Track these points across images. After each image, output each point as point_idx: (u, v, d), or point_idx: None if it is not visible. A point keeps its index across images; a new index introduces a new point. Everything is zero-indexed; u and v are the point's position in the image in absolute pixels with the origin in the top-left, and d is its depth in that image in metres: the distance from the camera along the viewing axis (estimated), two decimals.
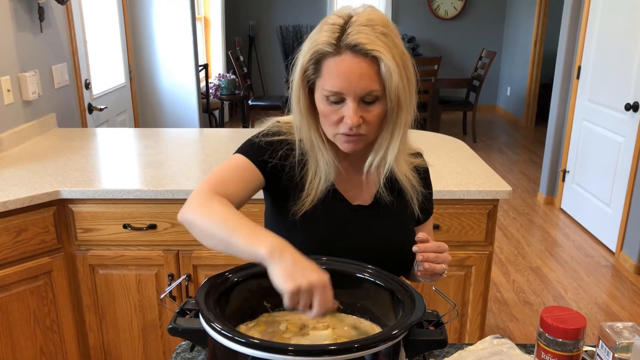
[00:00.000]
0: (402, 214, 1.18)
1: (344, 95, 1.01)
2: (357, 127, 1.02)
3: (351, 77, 0.99)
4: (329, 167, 1.10)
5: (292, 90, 1.08)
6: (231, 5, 7.40)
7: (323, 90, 1.03)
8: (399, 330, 0.81)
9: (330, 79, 1.01)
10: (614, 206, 3.54)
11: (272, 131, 1.15)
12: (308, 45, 1.04)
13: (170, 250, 1.93)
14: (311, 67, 1.03)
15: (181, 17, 4.20)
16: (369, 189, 1.17)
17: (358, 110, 1.01)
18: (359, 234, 1.14)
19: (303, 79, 1.05)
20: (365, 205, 1.16)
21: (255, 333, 0.93)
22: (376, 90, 1.01)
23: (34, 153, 2.24)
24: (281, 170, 1.13)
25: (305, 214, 1.11)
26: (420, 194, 1.19)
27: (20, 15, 2.36)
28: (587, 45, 3.87)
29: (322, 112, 1.06)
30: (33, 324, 1.88)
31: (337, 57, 1.00)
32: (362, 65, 0.99)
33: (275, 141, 1.13)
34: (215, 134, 2.68)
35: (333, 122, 1.04)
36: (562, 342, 0.87)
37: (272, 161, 1.12)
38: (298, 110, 1.09)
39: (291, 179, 1.13)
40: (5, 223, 1.74)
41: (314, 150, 1.11)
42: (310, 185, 1.11)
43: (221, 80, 6.13)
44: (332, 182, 1.12)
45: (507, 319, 2.85)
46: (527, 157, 5.76)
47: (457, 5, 7.63)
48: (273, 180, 1.13)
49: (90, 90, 3.10)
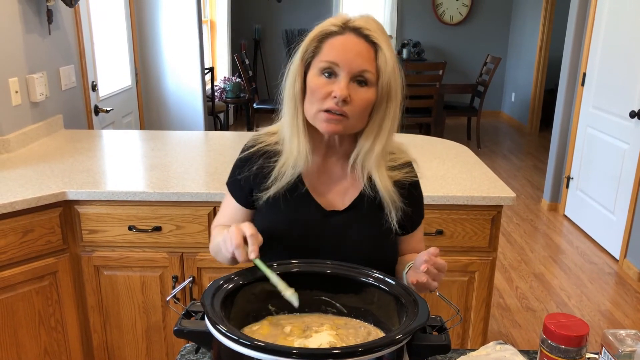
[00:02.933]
0: (378, 224, 1.15)
1: (338, 68, 1.04)
2: (342, 103, 1.03)
3: (349, 53, 1.04)
4: (299, 155, 1.11)
5: (290, 72, 1.10)
6: (237, 8, 7.42)
7: (319, 64, 1.06)
8: (403, 335, 0.81)
9: (329, 51, 1.05)
10: (618, 213, 3.53)
11: (248, 145, 1.21)
12: (313, 31, 1.09)
13: (174, 252, 1.94)
14: (312, 47, 1.08)
15: (187, 20, 4.22)
16: (346, 195, 1.16)
17: (348, 87, 1.04)
18: (329, 239, 1.14)
19: (302, 59, 1.09)
20: (339, 211, 1.15)
21: (259, 335, 0.94)
22: (370, 71, 1.04)
23: (40, 154, 2.26)
24: (256, 175, 1.17)
25: (268, 200, 1.13)
26: (400, 210, 1.14)
27: (29, 18, 2.38)
28: (592, 51, 3.87)
29: (311, 87, 1.07)
30: (38, 324, 1.89)
31: (340, 36, 1.06)
32: (362, 46, 1.04)
33: (250, 155, 1.19)
34: (220, 136, 2.69)
35: (320, 96, 1.05)
36: (565, 349, 0.87)
37: (245, 174, 1.18)
38: (292, 92, 1.10)
39: (263, 175, 1.16)
40: (12, 223, 1.76)
41: (292, 138, 1.12)
42: (278, 171, 1.13)
43: (226, 83, 6.15)
44: (300, 171, 1.12)
45: (510, 325, 2.85)
46: (531, 163, 5.76)
47: (463, 11, 7.64)
48: (251, 186, 1.18)
49: (96, 92, 3.12)
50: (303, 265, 1.04)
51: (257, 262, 0.98)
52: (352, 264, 1.04)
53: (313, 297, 1.02)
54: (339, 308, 1.02)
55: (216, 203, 1.88)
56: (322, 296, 1.02)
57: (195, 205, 1.88)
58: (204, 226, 1.90)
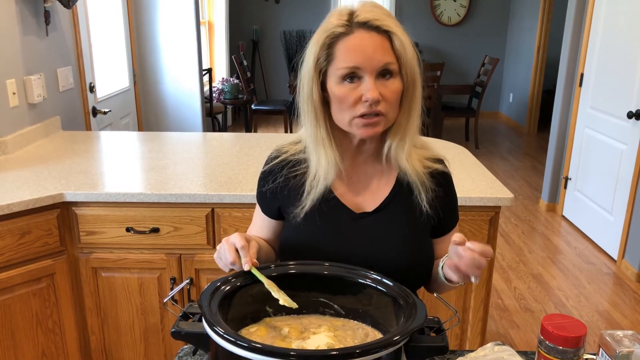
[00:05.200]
0: (411, 222, 1.13)
1: (361, 70, 1.00)
2: (376, 104, 1.00)
3: (366, 51, 0.99)
4: (330, 166, 1.08)
5: (304, 84, 1.06)
6: (235, 9, 7.42)
7: (338, 71, 1.01)
8: (401, 336, 0.81)
9: (345, 56, 1.00)
10: (615, 214, 3.54)
11: (271, 157, 1.18)
12: (317, 35, 1.04)
13: (172, 254, 1.93)
14: (323, 55, 1.02)
15: (185, 21, 4.22)
16: (376, 195, 1.14)
17: (376, 85, 1.00)
18: (361, 243, 1.12)
19: (316, 69, 1.03)
20: (368, 212, 1.13)
21: (257, 337, 0.93)
22: (392, 63, 1.00)
23: (38, 156, 2.26)
24: (283, 188, 1.14)
25: (307, 218, 1.11)
26: (431, 191, 1.11)
27: (27, 19, 2.37)
28: (590, 52, 3.88)
29: (338, 97, 1.02)
30: (35, 326, 1.88)
31: (349, 36, 1.00)
32: (376, 39, 1.00)
33: (273, 167, 1.16)
34: (218, 138, 2.69)
35: (350, 104, 1.01)
36: (562, 349, 0.87)
37: (270, 186, 1.16)
38: (310, 104, 1.06)
39: (291, 189, 1.14)
40: (9, 225, 1.75)
41: (318, 149, 1.09)
42: (310, 184, 1.10)
43: (224, 85, 6.15)
44: (331, 181, 1.10)
45: (508, 325, 2.85)
46: (529, 163, 5.76)
47: (461, 12, 7.65)
48: (279, 201, 1.16)
49: (94, 93, 3.12)
50: (300, 267, 1.04)
51: (253, 272, 0.98)
52: (352, 266, 1.04)
53: (311, 298, 1.02)
54: (337, 309, 1.02)
55: (214, 204, 1.88)
56: (319, 297, 1.02)
57: (193, 206, 1.88)
58: (202, 227, 1.90)
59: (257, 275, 0.97)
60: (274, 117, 7.47)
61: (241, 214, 1.89)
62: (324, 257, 1.06)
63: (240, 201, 1.86)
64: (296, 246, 1.13)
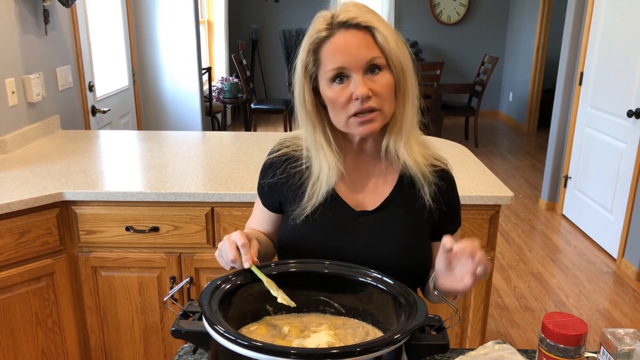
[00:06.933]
0: (412, 221, 1.12)
1: (347, 70, 1.01)
2: (367, 100, 1.00)
3: (350, 50, 1.01)
4: (331, 170, 1.09)
5: (296, 91, 1.08)
6: (234, 8, 7.42)
7: (326, 74, 1.03)
8: (401, 335, 0.81)
9: (330, 58, 1.02)
10: (615, 212, 3.54)
11: (273, 150, 1.18)
12: (304, 42, 1.06)
13: (172, 253, 1.93)
14: (311, 61, 1.04)
15: (185, 20, 4.21)
16: (377, 192, 1.14)
17: (364, 81, 1.01)
18: (361, 242, 1.11)
19: (305, 76, 1.06)
20: (369, 211, 1.13)
21: (257, 336, 0.93)
22: (378, 57, 1.01)
23: (37, 155, 2.25)
24: (283, 184, 1.15)
25: (306, 218, 1.11)
26: (434, 184, 1.10)
27: (26, 18, 2.37)
28: (589, 51, 3.88)
29: (330, 99, 1.04)
30: (35, 326, 1.88)
31: (332, 38, 1.02)
32: (358, 37, 1.01)
33: (274, 159, 1.16)
34: (217, 137, 2.69)
35: (343, 104, 1.02)
36: (563, 348, 0.87)
37: (269, 180, 1.16)
38: (304, 111, 1.08)
39: (291, 186, 1.14)
40: (8, 224, 1.75)
41: (318, 154, 1.10)
42: (312, 189, 1.11)
43: (224, 84, 6.14)
44: (332, 185, 1.10)
45: (508, 324, 2.85)
46: (529, 162, 5.76)
47: (460, 11, 7.64)
48: (278, 196, 1.17)
49: (93, 92, 3.12)
50: (301, 265, 1.04)
51: (253, 269, 0.98)
52: (353, 264, 1.04)
53: (311, 297, 1.02)
54: (337, 308, 1.02)
55: (214, 203, 1.88)
56: (320, 296, 1.02)
57: (192, 205, 1.88)
58: (202, 226, 1.89)
59: (256, 273, 0.97)
60: (273, 116, 7.47)
61: (241, 212, 1.88)
62: (324, 255, 1.06)
63: (240, 200, 1.86)
64: (296, 244, 1.13)
